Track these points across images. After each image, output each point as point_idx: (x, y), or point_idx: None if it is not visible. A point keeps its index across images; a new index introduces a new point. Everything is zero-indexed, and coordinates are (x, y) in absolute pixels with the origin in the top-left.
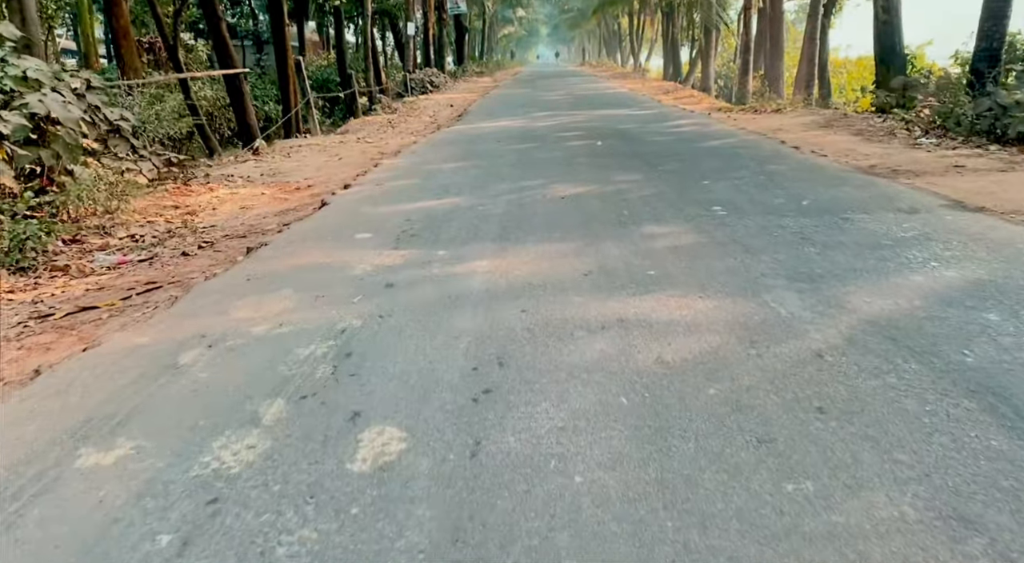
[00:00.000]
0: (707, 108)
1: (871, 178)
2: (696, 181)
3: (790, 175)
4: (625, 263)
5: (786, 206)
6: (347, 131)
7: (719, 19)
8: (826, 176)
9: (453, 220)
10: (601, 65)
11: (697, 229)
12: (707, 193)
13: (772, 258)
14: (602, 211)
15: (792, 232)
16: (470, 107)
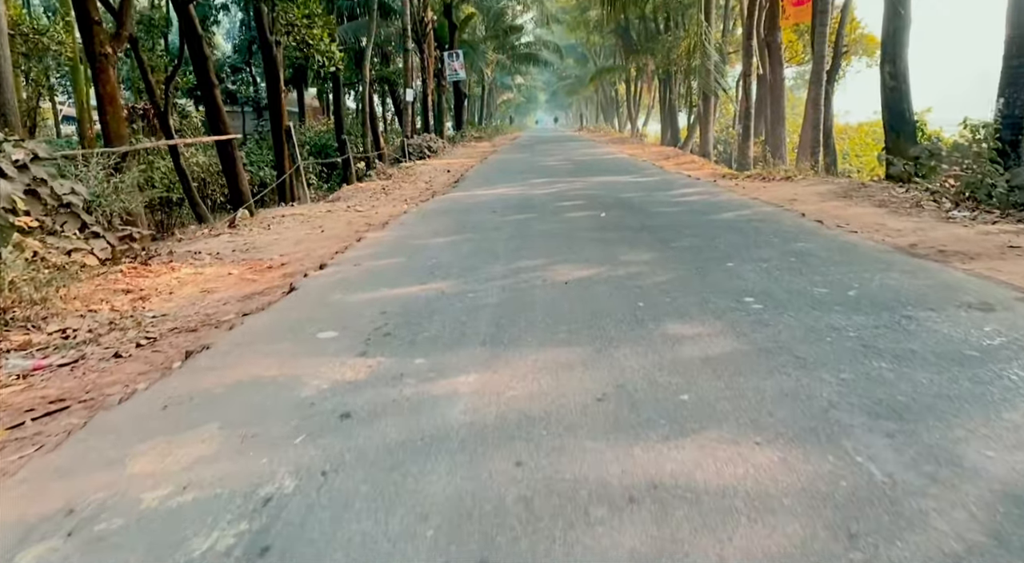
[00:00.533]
0: (710, 174)
1: (919, 261)
2: (718, 262)
3: (823, 256)
4: (649, 381)
5: (831, 297)
6: (338, 198)
7: (717, 86)
8: (865, 258)
9: (437, 313)
10: (599, 130)
11: (731, 329)
12: (733, 279)
13: (836, 377)
14: (613, 302)
15: (849, 336)
16: (467, 173)
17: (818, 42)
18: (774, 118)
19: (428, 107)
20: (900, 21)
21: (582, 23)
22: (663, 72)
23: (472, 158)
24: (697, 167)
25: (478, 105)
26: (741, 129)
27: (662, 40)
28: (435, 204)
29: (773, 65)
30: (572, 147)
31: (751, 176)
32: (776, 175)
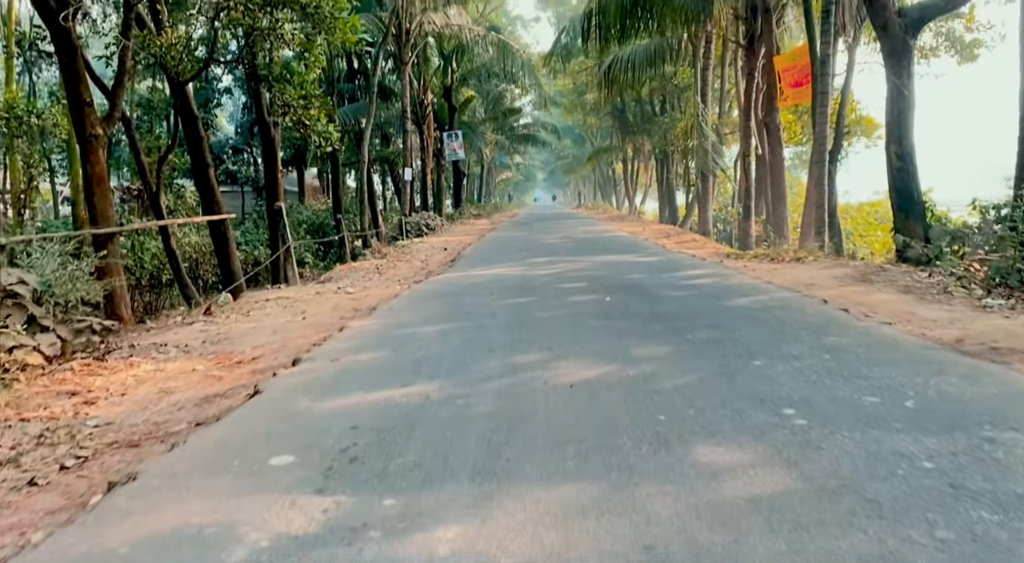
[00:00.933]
0: (714, 253)
1: (973, 361)
2: (744, 361)
3: (861, 353)
4: (686, 540)
5: (885, 410)
6: (329, 278)
7: (715, 165)
8: (909, 356)
9: (418, 426)
10: (597, 208)
11: (777, 455)
12: (765, 382)
13: (931, 538)
14: (628, 413)
15: (926, 469)
16: (464, 251)
17: (819, 123)
18: (775, 198)
19: (427, 185)
20: (904, 102)
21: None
22: (660, 152)
23: (470, 235)
24: (699, 246)
25: (477, 183)
26: (742, 208)
27: (658, 121)
28: (429, 286)
29: (772, 145)
30: (571, 224)
31: (757, 256)
32: (785, 256)
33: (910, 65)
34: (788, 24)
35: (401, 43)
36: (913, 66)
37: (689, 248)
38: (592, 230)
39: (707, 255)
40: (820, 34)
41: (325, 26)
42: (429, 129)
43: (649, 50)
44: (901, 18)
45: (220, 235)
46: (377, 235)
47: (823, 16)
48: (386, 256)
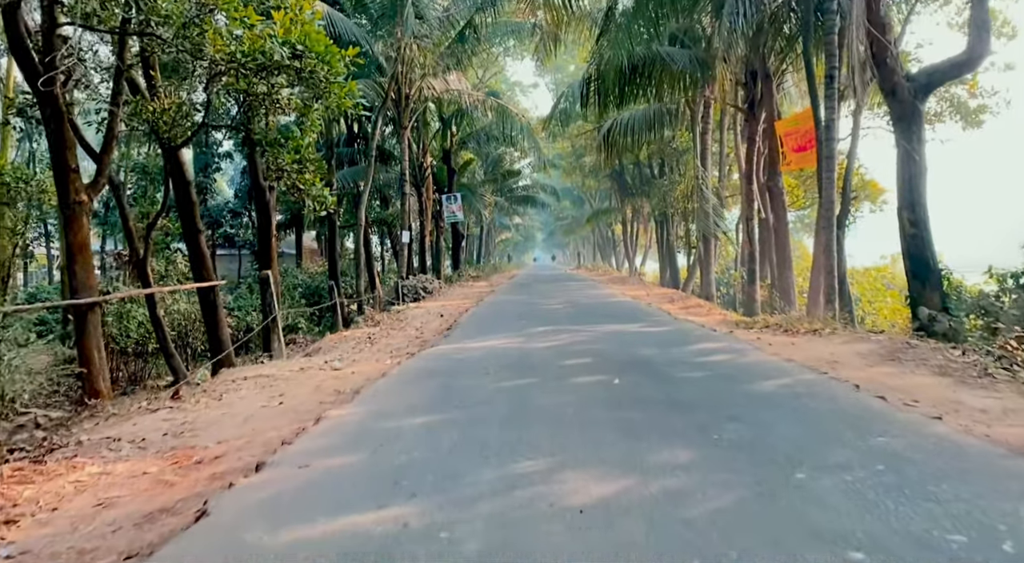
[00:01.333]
0: (721, 321)
1: None
2: (784, 472)
3: (920, 461)
4: None
5: (982, 559)
6: (319, 349)
7: (716, 228)
8: (980, 467)
9: None
10: (597, 269)
11: None
12: (816, 506)
13: None
14: (654, 553)
15: None
16: (461, 317)
17: (826, 187)
18: (780, 263)
19: (425, 248)
20: (915, 167)
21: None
22: (659, 214)
23: (468, 299)
24: (705, 312)
25: (476, 244)
26: (746, 273)
27: (657, 184)
28: (421, 361)
29: (776, 209)
30: (572, 287)
31: (769, 326)
32: (799, 327)
33: (920, 130)
34: (787, 90)
35: (400, 108)
36: (923, 131)
37: (695, 315)
38: (594, 294)
39: (715, 324)
40: (824, 99)
41: (320, 91)
42: (428, 191)
43: (648, 114)
44: (910, 82)
45: (209, 303)
46: (372, 300)
47: (826, 81)
48: (379, 323)
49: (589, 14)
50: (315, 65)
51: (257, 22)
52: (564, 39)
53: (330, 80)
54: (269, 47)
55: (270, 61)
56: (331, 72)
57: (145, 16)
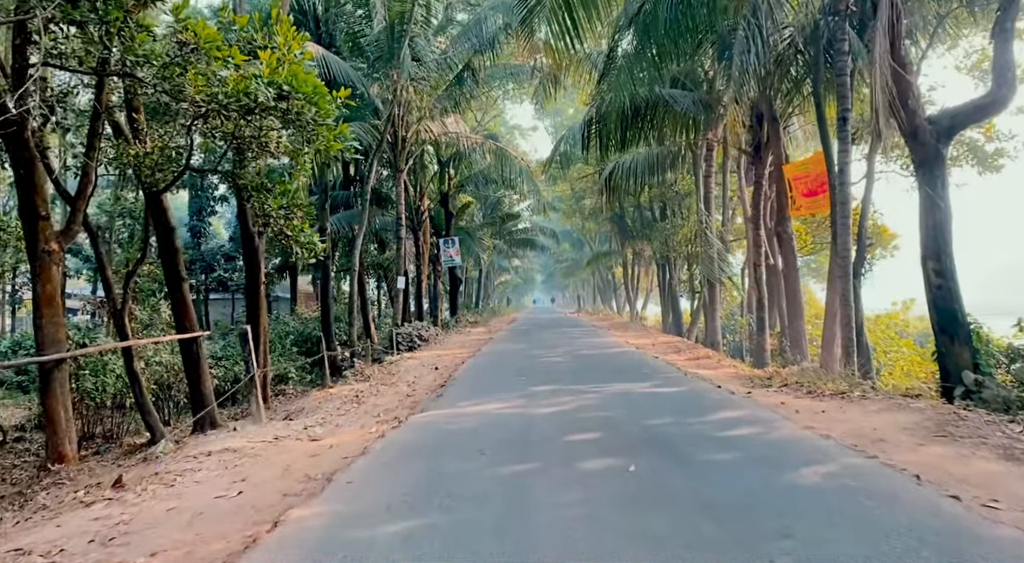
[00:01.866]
0: (735, 377)
1: None
2: None
3: None
4: None
5: None
6: (302, 410)
7: (722, 273)
8: None
9: None
10: (597, 312)
11: None
12: None
13: None
14: None
15: None
16: (457, 371)
17: (841, 234)
18: (791, 311)
19: (422, 293)
20: (940, 214)
21: (577, 211)
22: (661, 257)
23: (466, 348)
24: (714, 364)
25: (475, 287)
26: (755, 321)
27: (659, 227)
28: (407, 433)
29: (786, 255)
30: (573, 335)
31: (788, 384)
32: (824, 387)
33: (944, 175)
34: (794, 132)
35: (397, 151)
36: (947, 176)
37: (705, 367)
38: (597, 343)
39: (728, 379)
40: (836, 142)
41: (308, 135)
42: (425, 235)
43: (651, 157)
44: (931, 125)
45: (191, 356)
46: (365, 350)
47: (839, 124)
48: (369, 379)
49: (588, 57)
50: (302, 106)
51: (242, 62)
52: (564, 82)
53: (318, 122)
54: (254, 88)
55: (255, 103)
56: (319, 114)
57: (121, 56)
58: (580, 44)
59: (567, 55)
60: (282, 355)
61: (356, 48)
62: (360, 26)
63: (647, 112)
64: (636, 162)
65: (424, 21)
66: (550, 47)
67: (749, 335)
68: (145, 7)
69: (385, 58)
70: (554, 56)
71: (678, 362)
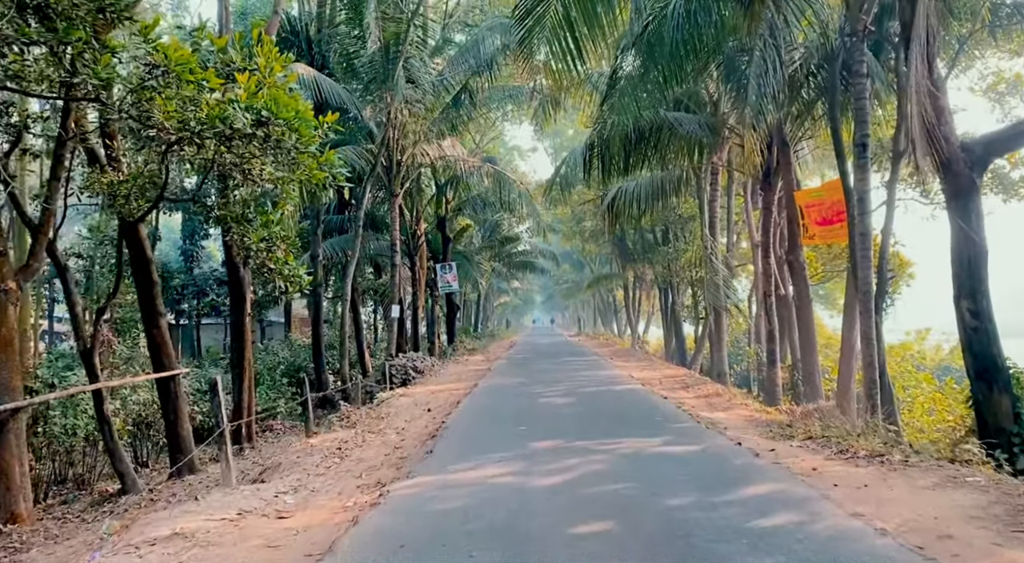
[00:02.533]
0: (749, 420)
1: None
2: None
3: None
4: None
5: None
6: (278, 466)
7: (728, 301)
8: None
9: None
10: (598, 336)
11: None
12: None
13: None
14: None
15: None
16: (451, 415)
17: (861, 267)
18: (804, 344)
19: (418, 319)
20: (975, 248)
21: (577, 233)
22: (663, 281)
23: (462, 382)
24: (726, 402)
25: (474, 310)
26: (767, 354)
27: (661, 251)
28: (385, 518)
29: (798, 286)
30: (574, 366)
31: (813, 437)
32: (857, 446)
33: (978, 207)
34: (803, 156)
35: (391, 175)
36: (981, 207)
37: (717, 408)
38: (599, 378)
39: (745, 425)
40: (854, 169)
41: (288, 162)
42: (422, 260)
43: (655, 182)
44: (965, 153)
45: (169, 395)
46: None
47: (858, 150)
48: (356, 424)
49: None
50: (283, 133)
51: (218, 85)
52: (564, 103)
53: (300, 149)
54: (230, 113)
55: (231, 129)
56: (301, 141)
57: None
58: (581, 65)
59: (568, 76)
60: (271, 387)
61: (350, 70)
62: (355, 47)
63: (651, 135)
64: (640, 187)
65: (420, 42)
66: (550, 68)
67: (757, 366)
68: (112, 27)
69: (379, 80)
70: (554, 77)
71: (687, 402)
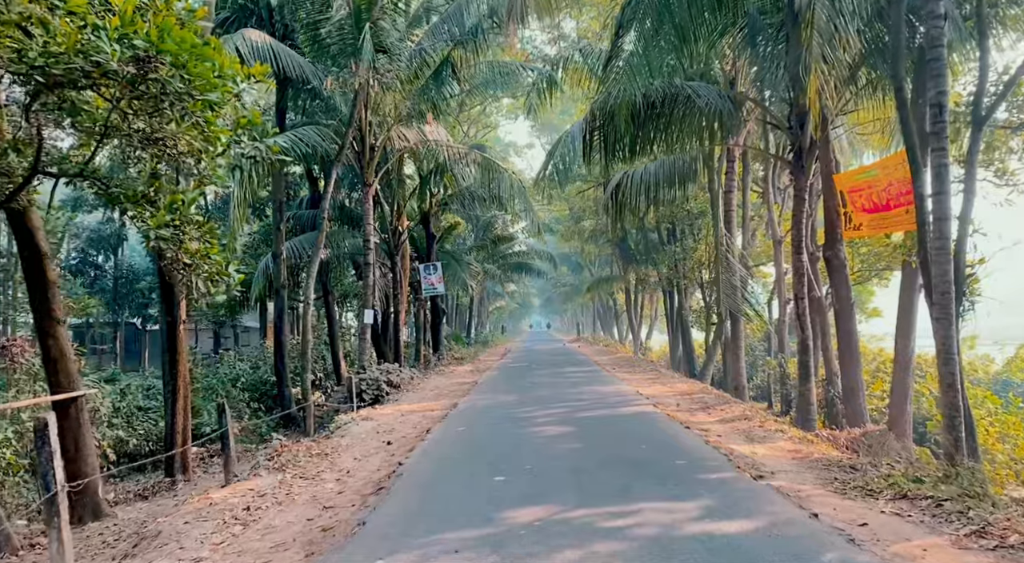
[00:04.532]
0: (800, 457)
1: None
2: None
3: None
4: None
5: None
6: (155, 536)
7: (746, 304)
8: None
9: None
10: (598, 342)
11: None
12: None
13: None
14: None
15: None
16: (411, 455)
17: (937, 262)
18: (845, 355)
19: (399, 326)
20: None
21: (576, 233)
22: (668, 284)
23: (441, 399)
24: (760, 430)
25: (467, 315)
26: (798, 367)
27: (667, 251)
28: None
29: (837, 286)
30: (574, 379)
31: (908, 494)
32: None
33: None
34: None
35: (364, 161)
36: None
37: (754, 439)
38: (603, 395)
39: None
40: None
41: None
42: (405, 260)
43: (665, 168)
44: None
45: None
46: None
47: (934, 112)
48: (287, 466)
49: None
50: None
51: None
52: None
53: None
54: (95, 45)
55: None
56: (195, 86)
57: None
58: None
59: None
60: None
61: (316, 44)
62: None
63: (663, 108)
64: (649, 173)
65: (392, 6)
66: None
67: (780, 378)
68: None
69: (348, 52)
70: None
71: (713, 431)
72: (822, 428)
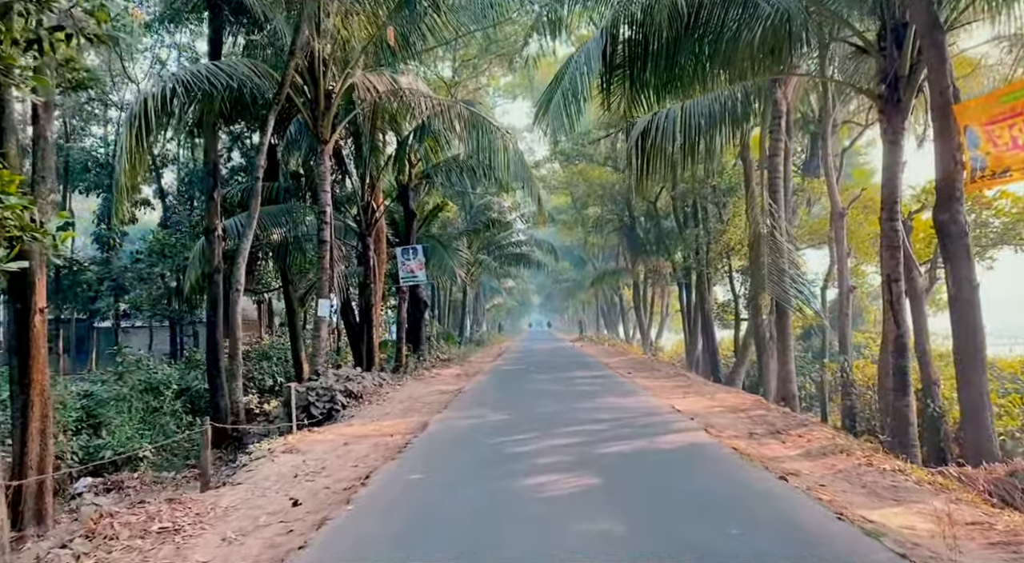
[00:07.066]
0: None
1: None
2: None
3: None
4: None
5: None
6: None
7: (799, 295)
8: None
9: None
10: (603, 341)
11: None
12: None
13: None
14: None
15: None
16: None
17: None
18: (966, 358)
19: (373, 322)
20: None
21: (579, 221)
22: (685, 275)
23: (409, 416)
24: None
25: (460, 312)
26: (892, 376)
27: (687, 236)
28: None
29: (955, 263)
30: (582, 387)
31: None
32: None
33: None
34: None
35: (318, 112)
36: None
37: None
38: (625, 411)
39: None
40: None
41: None
42: (380, 243)
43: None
44: None
45: None
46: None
47: None
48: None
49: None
50: None
51: None
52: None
53: None
54: None
55: None
56: None
57: None
58: None
59: None
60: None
61: None
62: None
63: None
64: (688, 114)
65: None
66: None
67: (841, 385)
68: None
69: None
70: None
71: (805, 476)
72: (925, 458)
